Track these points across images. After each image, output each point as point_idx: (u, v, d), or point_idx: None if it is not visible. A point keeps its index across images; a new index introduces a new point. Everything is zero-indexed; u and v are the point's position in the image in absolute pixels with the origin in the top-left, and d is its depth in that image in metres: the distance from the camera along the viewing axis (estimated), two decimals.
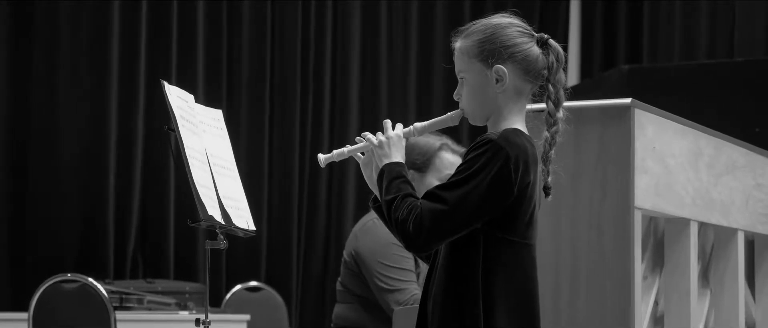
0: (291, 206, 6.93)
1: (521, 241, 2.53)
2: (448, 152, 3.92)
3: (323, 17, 7.12)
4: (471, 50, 2.61)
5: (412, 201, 2.49)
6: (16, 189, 6.30)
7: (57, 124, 6.35)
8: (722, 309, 3.92)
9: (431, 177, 3.89)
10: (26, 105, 6.34)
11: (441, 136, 3.98)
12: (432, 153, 3.93)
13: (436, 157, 3.91)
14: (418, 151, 3.92)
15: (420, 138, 3.91)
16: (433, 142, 3.95)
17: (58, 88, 6.35)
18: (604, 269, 3.19)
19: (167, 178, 6.54)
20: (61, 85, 6.36)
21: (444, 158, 3.90)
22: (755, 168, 4.07)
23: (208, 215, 2.89)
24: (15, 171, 6.31)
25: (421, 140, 3.94)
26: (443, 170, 3.88)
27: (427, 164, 3.92)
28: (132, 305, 5.56)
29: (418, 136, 2.70)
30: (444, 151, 3.94)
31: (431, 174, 3.89)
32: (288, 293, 6.75)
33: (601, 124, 3.24)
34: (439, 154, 3.92)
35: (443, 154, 3.93)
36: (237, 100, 6.85)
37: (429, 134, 3.93)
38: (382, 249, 3.82)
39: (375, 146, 2.63)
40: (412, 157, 3.89)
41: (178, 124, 2.89)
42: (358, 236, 3.94)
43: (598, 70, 7.56)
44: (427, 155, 3.93)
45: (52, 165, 6.33)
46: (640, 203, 3.22)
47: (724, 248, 3.94)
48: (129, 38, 6.47)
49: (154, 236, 6.56)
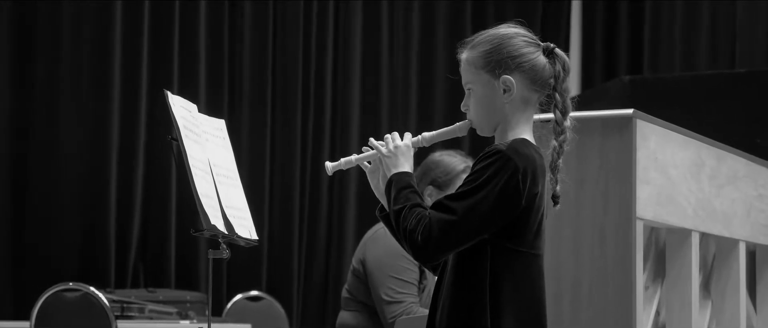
0: (292, 215, 6.93)
1: (529, 251, 2.53)
2: None
3: (325, 23, 7.12)
4: (478, 61, 2.61)
5: (421, 211, 2.50)
6: (18, 198, 6.29)
7: (58, 134, 6.35)
8: (723, 320, 3.92)
9: None
10: (27, 115, 6.33)
11: (466, 158, 4.05)
12: (454, 174, 3.98)
13: (458, 179, 3.94)
14: (442, 169, 3.99)
15: (445, 157, 4.01)
16: (457, 164, 4.01)
17: (59, 98, 6.35)
18: (606, 279, 3.19)
19: (168, 187, 6.54)
20: (62, 95, 6.36)
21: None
22: (757, 179, 4.08)
23: (211, 225, 2.89)
24: (16, 180, 6.31)
25: (446, 159, 4.01)
26: None
27: (448, 183, 3.96)
28: (133, 315, 5.55)
29: (427, 146, 2.70)
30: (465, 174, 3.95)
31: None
32: (289, 302, 6.75)
33: (602, 134, 3.25)
34: (460, 176, 3.94)
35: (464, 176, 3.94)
36: (238, 109, 6.85)
37: (454, 154, 4.02)
38: (390, 260, 3.84)
39: (383, 155, 2.63)
40: (434, 174, 3.98)
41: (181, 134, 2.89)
42: (367, 244, 3.96)
43: (599, 81, 7.56)
44: (450, 176, 3.98)
45: (54, 174, 6.33)
46: (641, 213, 3.23)
47: (726, 259, 3.94)
48: (130, 48, 6.47)
49: (155, 245, 6.56)
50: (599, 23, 7.77)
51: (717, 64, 7.45)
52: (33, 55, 6.34)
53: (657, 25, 7.63)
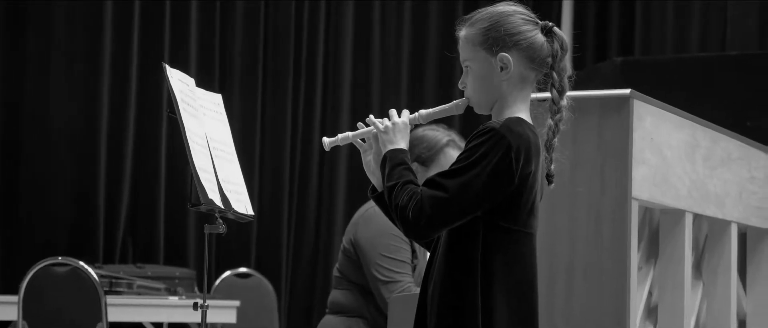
0: (281, 193, 6.93)
1: (522, 229, 2.53)
2: (454, 149, 3.86)
3: (317, 5, 7.11)
4: (475, 38, 2.61)
5: (413, 188, 2.49)
6: (8, 174, 6.28)
7: (48, 110, 6.33)
8: (714, 301, 3.94)
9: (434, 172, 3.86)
10: (18, 91, 6.32)
11: (449, 131, 3.94)
12: (438, 148, 3.88)
13: (442, 153, 3.87)
14: (425, 144, 3.86)
15: (428, 131, 3.89)
16: (440, 137, 3.90)
17: (50, 75, 6.34)
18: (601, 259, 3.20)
19: (158, 163, 6.54)
20: (53, 72, 6.34)
21: (449, 155, 3.84)
22: (750, 161, 4.09)
23: (208, 199, 2.88)
24: (6, 156, 6.29)
25: (430, 134, 3.89)
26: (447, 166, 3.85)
27: (432, 158, 3.87)
28: (122, 290, 5.55)
29: (424, 123, 2.69)
30: (450, 148, 3.89)
31: (434, 169, 3.82)
32: (278, 279, 6.76)
33: (599, 114, 3.24)
34: (444, 151, 3.87)
35: (449, 150, 3.88)
36: (229, 88, 6.84)
37: (437, 128, 3.91)
38: (382, 239, 3.80)
39: (380, 131, 2.62)
40: (418, 151, 3.85)
41: (179, 107, 2.87)
42: (358, 224, 3.92)
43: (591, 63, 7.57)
44: (433, 150, 3.88)
45: (44, 150, 6.32)
46: (637, 193, 3.23)
47: (718, 240, 3.96)
48: (121, 23, 6.45)
49: (144, 221, 6.55)
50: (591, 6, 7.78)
51: (708, 47, 7.47)
52: (24, 31, 6.32)
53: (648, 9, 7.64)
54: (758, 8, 7.38)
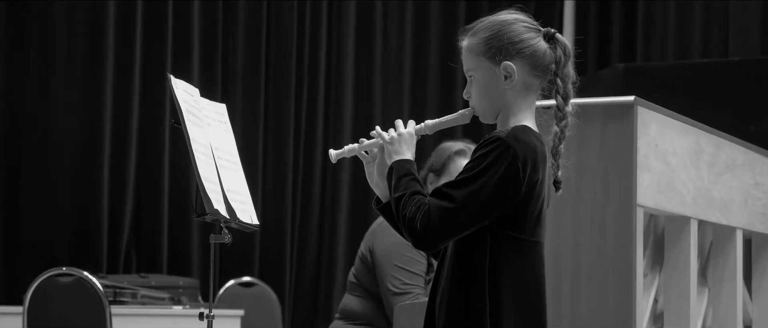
0: (285, 202, 6.92)
1: (529, 238, 2.52)
2: (462, 158, 3.91)
3: (319, 9, 7.11)
4: (478, 48, 2.60)
5: (420, 198, 2.49)
6: (11, 182, 6.27)
7: (51, 118, 6.32)
8: (720, 307, 3.93)
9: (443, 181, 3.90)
10: (20, 98, 6.31)
11: (463, 141, 4.04)
12: (447, 156, 3.96)
13: (451, 162, 3.92)
14: (437, 154, 3.99)
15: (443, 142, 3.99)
16: (450, 146, 4.00)
17: (53, 82, 6.33)
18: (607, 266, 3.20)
19: (161, 172, 6.53)
20: (55, 79, 6.33)
21: (458, 163, 3.90)
22: (754, 167, 4.09)
23: (213, 210, 2.89)
24: (9, 165, 6.28)
25: (443, 143, 4.01)
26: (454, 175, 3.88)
27: (444, 167, 3.94)
28: (126, 300, 5.55)
29: (430, 133, 2.69)
30: (459, 157, 3.95)
31: (445, 178, 3.88)
32: (281, 288, 6.75)
33: (603, 121, 3.25)
34: (453, 158, 3.92)
35: (458, 158, 3.94)
36: (231, 95, 6.83)
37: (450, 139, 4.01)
38: (399, 251, 3.82)
39: (386, 142, 2.61)
40: (431, 161, 4.00)
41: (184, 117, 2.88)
42: (376, 233, 3.94)
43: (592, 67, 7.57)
44: (443, 158, 3.96)
45: (46, 159, 6.31)
46: (642, 200, 3.23)
47: (723, 247, 3.95)
48: (124, 31, 6.45)
49: (148, 230, 6.54)
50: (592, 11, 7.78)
51: (710, 53, 7.47)
52: (26, 38, 6.31)
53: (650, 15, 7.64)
54: (761, 9, 7.38)
